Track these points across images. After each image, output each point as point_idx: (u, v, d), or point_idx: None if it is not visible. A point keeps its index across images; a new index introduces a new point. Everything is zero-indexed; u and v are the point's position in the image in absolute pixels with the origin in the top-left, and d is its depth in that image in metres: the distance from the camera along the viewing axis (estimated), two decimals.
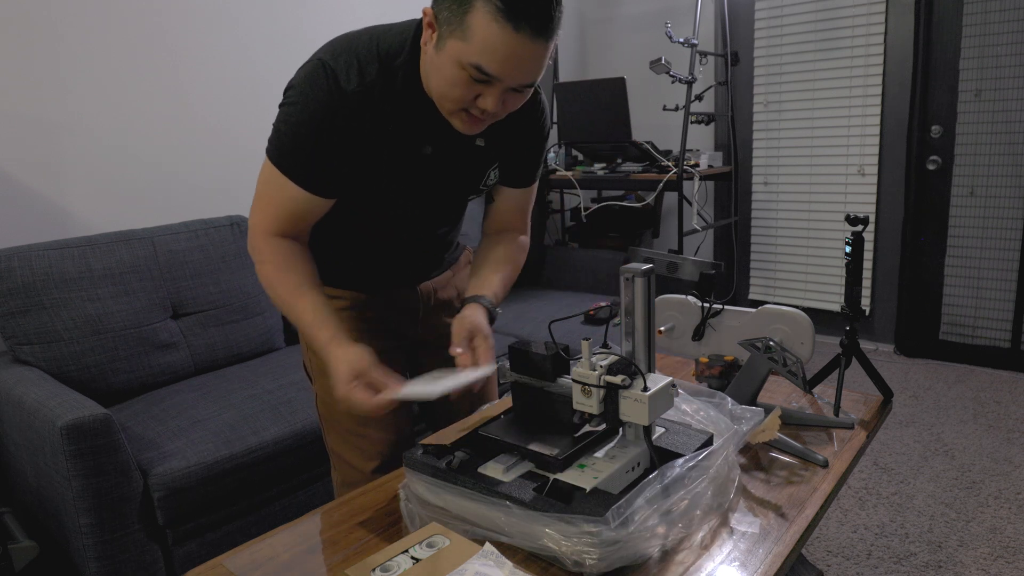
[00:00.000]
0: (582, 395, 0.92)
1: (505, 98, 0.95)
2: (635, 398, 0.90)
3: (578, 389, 0.92)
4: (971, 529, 1.91)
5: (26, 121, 2.02)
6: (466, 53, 0.89)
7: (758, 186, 3.61)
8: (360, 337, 1.15)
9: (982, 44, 2.90)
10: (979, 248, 3.07)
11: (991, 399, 2.77)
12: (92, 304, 1.88)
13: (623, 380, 0.90)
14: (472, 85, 0.92)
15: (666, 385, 0.92)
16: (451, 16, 0.89)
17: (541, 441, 0.94)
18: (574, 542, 0.81)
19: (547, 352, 0.98)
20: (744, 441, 1.05)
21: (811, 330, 1.39)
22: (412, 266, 1.27)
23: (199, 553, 1.64)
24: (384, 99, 1.01)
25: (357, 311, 1.23)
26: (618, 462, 0.93)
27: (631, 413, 0.91)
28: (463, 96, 0.94)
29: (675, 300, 1.53)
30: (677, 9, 3.56)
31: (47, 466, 1.53)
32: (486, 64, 0.89)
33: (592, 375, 0.90)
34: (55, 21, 2.05)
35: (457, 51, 0.90)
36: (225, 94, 2.45)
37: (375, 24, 1.08)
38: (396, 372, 1.20)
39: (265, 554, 0.92)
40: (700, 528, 0.92)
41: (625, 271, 0.94)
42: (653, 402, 0.89)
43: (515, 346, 1.02)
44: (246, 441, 1.69)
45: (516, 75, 0.91)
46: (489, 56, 0.88)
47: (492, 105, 0.94)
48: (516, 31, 0.86)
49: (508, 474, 0.92)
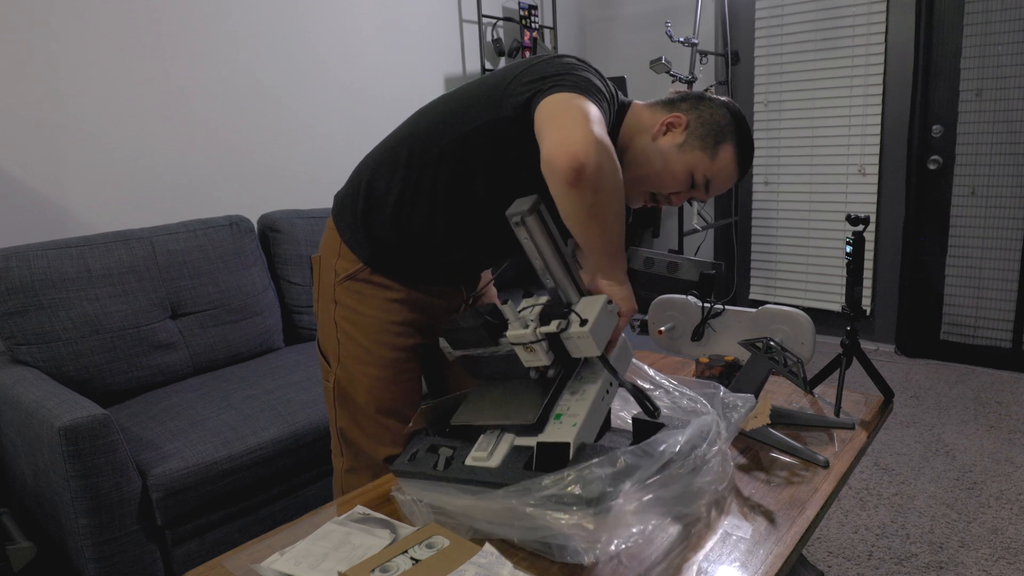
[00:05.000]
0: (527, 353, 0.92)
1: (682, 201, 1.21)
2: (577, 336, 0.90)
3: (521, 349, 0.92)
4: (972, 530, 1.90)
5: (26, 121, 2.02)
6: (706, 168, 1.14)
7: (758, 186, 3.61)
8: (405, 331, 1.24)
9: (983, 43, 2.90)
10: (980, 248, 3.06)
11: (992, 399, 2.77)
12: (91, 304, 1.88)
13: (559, 325, 0.90)
14: (685, 186, 1.16)
15: (602, 308, 0.93)
16: (706, 136, 1.14)
17: (511, 408, 0.94)
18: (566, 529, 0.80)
19: (476, 321, 0.97)
20: (738, 428, 1.05)
21: (811, 330, 1.39)
22: (477, 270, 1.34)
23: (198, 554, 1.63)
24: None
25: (408, 305, 1.25)
26: (588, 397, 0.93)
27: (580, 349, 0.91)
28: (673, 190, 1.17)
29: (675, 300, 1.53)
30: (677, 9, 3.56)
31: (45, 466, 1.52)
32: (715, 182, 1.16)
33: (527, 333, 0.90)
34: (55, 21, 2.05)
35: (698, 161, 1.14)
36: (224, 94, 2.45)
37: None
38: (420, 368, 1.31)
39: (264, 554, 0.92)
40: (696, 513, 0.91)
41: (512, 215, 0.93)
42: (595, 333, 0.90)
43: (444, 326, 1.02)
44: (245, 441, 1.68)
45: (712, 194, 1.19)
46: (719, 179, 1.16)
47: (679, 201, 1.20)
48: (739, 172, 1.18)
49: (493, 457, 0.92)
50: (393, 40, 2.95)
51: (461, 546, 0.84)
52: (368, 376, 1.24)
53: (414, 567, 0.81)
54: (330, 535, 0.94)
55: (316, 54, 2.68)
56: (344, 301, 1.25)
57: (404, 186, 1.15)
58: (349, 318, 1.24)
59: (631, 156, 1.16)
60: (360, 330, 1.24)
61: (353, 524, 0.97)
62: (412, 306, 1.25)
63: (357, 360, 1.24)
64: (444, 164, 1.12)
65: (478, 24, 3.26)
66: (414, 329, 1.26)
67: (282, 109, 2.62)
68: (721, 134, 1.14)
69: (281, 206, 2.61)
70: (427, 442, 1.00)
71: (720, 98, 1.18)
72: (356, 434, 1.27)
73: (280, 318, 2.33)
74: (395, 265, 1.22)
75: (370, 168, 1.21)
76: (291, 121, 2.65)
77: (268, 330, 2.26)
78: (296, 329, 2.39)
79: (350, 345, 1.25)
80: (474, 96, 1.12)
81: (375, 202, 1.19)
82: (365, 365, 1.24)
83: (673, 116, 1.14)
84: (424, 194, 1.15)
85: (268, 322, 2.27)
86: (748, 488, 1.04)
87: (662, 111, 1.17)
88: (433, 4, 3.12)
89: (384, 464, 1.25)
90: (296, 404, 1.83)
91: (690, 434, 0.94)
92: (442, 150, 1.12)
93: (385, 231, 1.19)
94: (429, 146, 1.13)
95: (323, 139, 2.76)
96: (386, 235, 1.19)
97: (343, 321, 1.25)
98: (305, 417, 1.80)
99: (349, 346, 1.25)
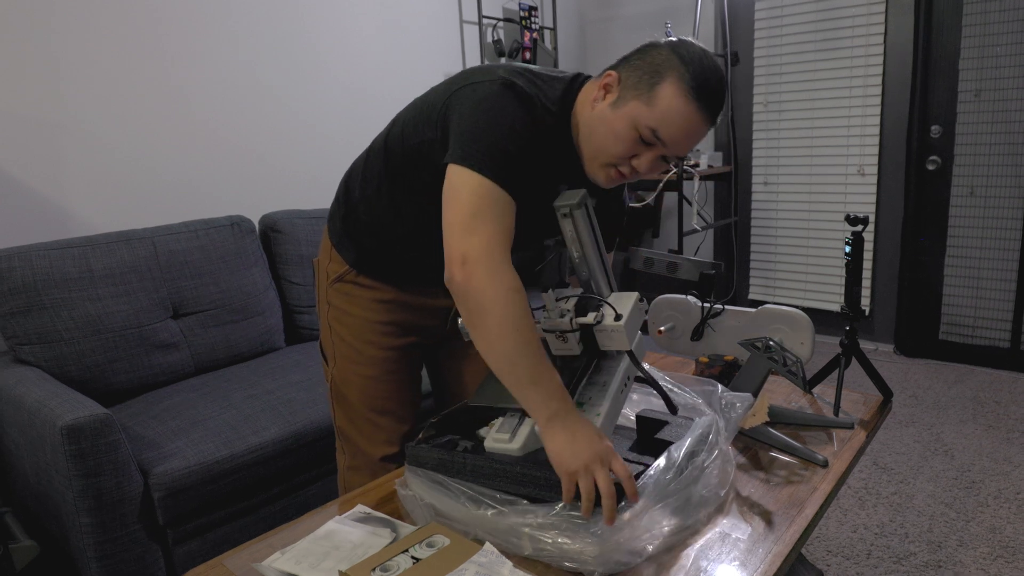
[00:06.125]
0: (559, 342, 0.94)
1: (653, 164, 1.03)
2: (611, 329, 0.92)
3: (552, 337, 0.93)
4: (971, 529, 1.91)
5: (27, 121, 2.02)
6: (645, 117, 0.98)
7: (758, 186, 3.61)
8: (393, 331, 1.23)
9: (982, 44, 2.90)
10: (979, 248, 3.07)
11: (991, 399, 2.77)
12: (93, 304, 1.88)
13: (595, 318, 0.92)
14: (635, 145, 1.01)
15: (635, 305, 0.95)
16: (639, 82, 0.99)
17: None
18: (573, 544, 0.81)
19: None
20: (737, 428, 1.06)
21: (811, 330, 1.39)
22: None
23: (199, 553, 1.64)
24: (553, 135, 1.06)
25: (395, 306, 1.26)
26: (610, 388, 0.94)
27: (611, 342, 0.93)
28: (623, 153, 1.02)
29: (675, 300, 1.54)
30: (677, 9, 3.56)
31: (48, 466, 1.53)
32: (663, 129, 0.98)
33: (564, 322, 0.92)
34: (55, 21, 2.05)
35: (637, 113, 0.99)
36: (226, 94, 2.45)
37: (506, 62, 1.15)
38: (415, 367, 1.30)
39: (265, 553, 0.93)
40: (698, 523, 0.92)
41: (560, 207, 0.95)
42: (628, 327, 0.92)
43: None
44: (246, 441, 1.69)
45: (680, 145, 1.01)
46: (668, 123, 0.98)
47: (646, 165, 1.03)
48: (698, 109, 0.97)
49: (516, 440, 0.92)
50: (393, 40, 2.96)
51: (461, 545, 0.85)
52: (359, 375, 1.26)
53: (415, 566, 0.81)
54: (331, 534, 0.94)
55: (316, 54, 2.68)
56: (335, 302, 1.28)
57: (371, 194, 1.19)
58: (340, 319, 1.27)
59: (580, 133, 1.07)
60: (350, 330, 1.26)
61: (354, 523, 0.97)
62: (400, 306, 1.26)
63: (348, 360, 1.27)
64: (399, 175, 1.14)
65: (478, 25, 3.27)
66: (403, 329, 1.27)
67: (282, 109, 2.62)
68: (656, 74, 0.98)
69: (282, 206, 2.61)
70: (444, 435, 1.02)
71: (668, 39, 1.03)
72: (352, 432, 1.29)
73: (281, 318, 2.33)
74: (379, 267, 1.24)
75: (348, 174, 1.26)
76: (291, 121, 2.66)
77: (269, 330, 2.27)
78: (297, 329, 2.39)
79: (342, 345, 1.28)
80: (419, 110, 1.11)
81: (351, 208, 1.23)
82: (356, 364, 1.26)
83: (606, 76, 1.03)
84: (384, 201, 1.17)
85: (269, 322, 2.27)
86: (748, 487, 1.04)
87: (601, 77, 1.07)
88: (433, 4, 3.12)
89: (382, 464, 1.26)
90: (297, 404, 1.83)
91: (691, 443, 0.95)
92: (396, 161, 1.13)
93: (364, 235, 1.22)
94: (389, 155, 1.15)
95: (323, 139, 2.76)
96: (365, 239, 1.22)
97: (335, 322, 1.28)
98: (306, 417, 1.80)
99: (341, 346, 1.28)
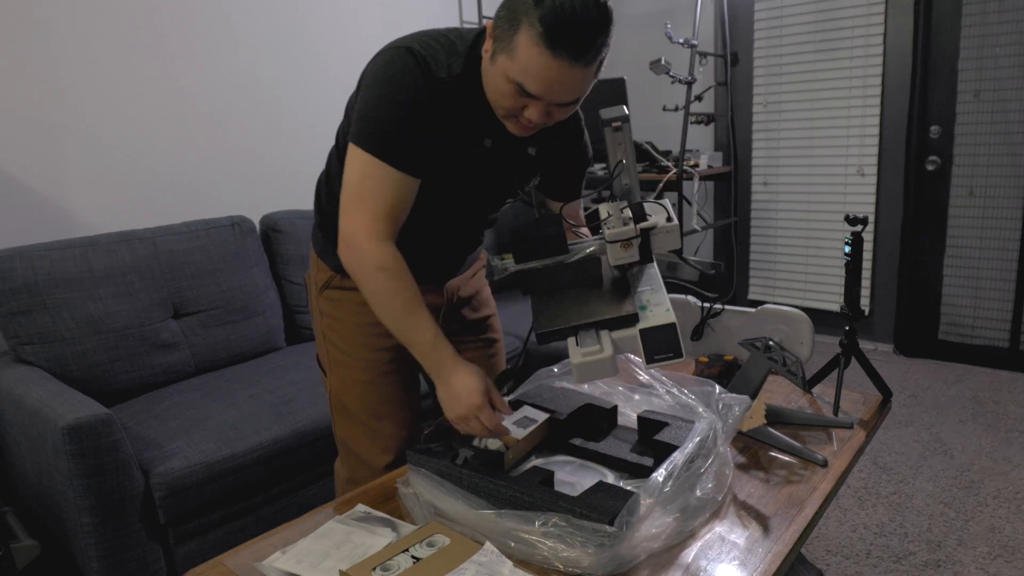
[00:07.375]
0: (623, 251, 0.96)
1: (551, 111, 0.99)
2: (667, 230, 0.97)
3: (616, 247, 0.96)
4: (970, 528, 1.91)
5: (27, 121, 2.02)
6: (511, 70, 0.94)
7: (758, 186, 3.61)
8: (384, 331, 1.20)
9: (981, 44, 2.90)
10: (978, 248, 3.07)
11: (990, 399, 2.77)
12: (93, 304, 1.88)
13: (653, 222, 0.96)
14: (518, 98, 0.97)
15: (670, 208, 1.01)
16: (502, 34, 0.94)
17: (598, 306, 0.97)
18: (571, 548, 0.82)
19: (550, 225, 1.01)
20: (735, 430, 1.06)
21: (811, 330, 1.39)
22: (443, 264, 1.30)
23: (200, 552, 1.64)
24: (461, 92, 1.05)
25: None
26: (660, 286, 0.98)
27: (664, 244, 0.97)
28: (512, 106, 0.99)
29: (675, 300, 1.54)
30: (677, 9, 3.56)
31: (49, 465, 1.53)
32: (526, 83, 0.94)
33: (630, 229, 0.95)
34: (56, 21, 2.05)
35: (504, 67, 0.95)
36: (226, 94, 2.46)
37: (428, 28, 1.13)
38: (412, 369, 1.29)
39: (266, 553, 0.93)
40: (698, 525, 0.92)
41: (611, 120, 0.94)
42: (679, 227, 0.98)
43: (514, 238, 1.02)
44: (247, 441, 1.69)
45: (554, 95, 0.95)
46: (528, 76, 0.93)
47: (536, 117, 0.98)
48: (554, 57, 0.90)
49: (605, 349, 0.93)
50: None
51: (462, 545, 0.85)
52: (355, 381, 1.25)
53: (415, 566, 0.81)
54: (331, 533, 0.95)
55: (316, 54, 2.69)
56: (326, 311, 1.27)
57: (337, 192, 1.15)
58: (332, 326, 1.26)
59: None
60: (341, 336, 1.25)
61: (354, 522, 0.97)
62: None
63: (343, 367, 1.26)
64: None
65: (478, 25, 3.27)
66: None
67: (283, 109, 2.62)
68: (514, 21, 0.91)
69: (283, 206, 2.61)
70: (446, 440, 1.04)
71: None
72: (354, 442, 1.28)
73: (282, 318, 2.34)
74: None
75: (319, 177, 1.25)
76: (291, 121, 2.66)
77: (270, 330, 2.27)
78: (298, 329, 2.39)
79: (336, 353, 1.27)
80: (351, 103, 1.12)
81: (326, 214, 1.22)
82: (350, 370, 1.25)
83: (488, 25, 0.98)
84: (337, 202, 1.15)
85: (270, 322, 2.27)
86: (747, 487, 1.05)
87: None
88: (433, 4, 3.12)
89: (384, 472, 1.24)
90: (298, 403, 1.83)
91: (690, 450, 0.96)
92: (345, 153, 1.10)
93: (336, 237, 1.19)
94: (340, 149, 1.14)
95: (324, 139, 2.75)
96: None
97: (328, 330, 1.27)
98: (306, 416, 1.80)
99: (335, 354, 1.27)
